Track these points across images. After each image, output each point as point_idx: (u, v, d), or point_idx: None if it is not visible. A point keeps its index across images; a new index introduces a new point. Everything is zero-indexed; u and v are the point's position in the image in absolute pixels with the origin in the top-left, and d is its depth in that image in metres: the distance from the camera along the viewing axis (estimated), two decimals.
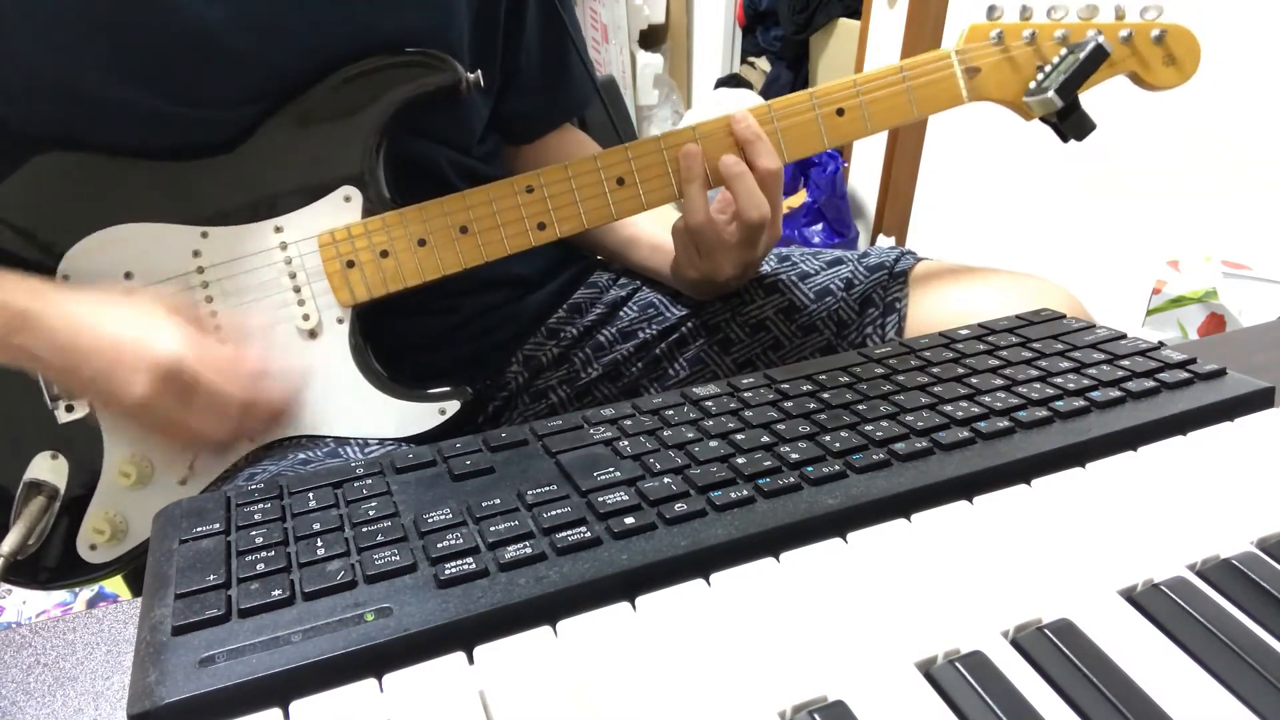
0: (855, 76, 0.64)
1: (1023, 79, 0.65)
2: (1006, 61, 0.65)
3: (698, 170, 0.61)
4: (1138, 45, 0.64)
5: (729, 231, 0.61)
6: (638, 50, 2.94)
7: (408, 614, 0.28)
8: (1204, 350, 0.51)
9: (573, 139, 0.80)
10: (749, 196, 0.60)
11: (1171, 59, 0.65)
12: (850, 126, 0.64)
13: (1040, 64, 0.64)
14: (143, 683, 0.26)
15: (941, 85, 0.64)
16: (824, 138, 0.64)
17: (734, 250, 0.62)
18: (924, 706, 0.25)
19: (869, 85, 0.63)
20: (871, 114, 0.64)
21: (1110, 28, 0.64)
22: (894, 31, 2.20)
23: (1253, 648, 0.26)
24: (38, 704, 0.32)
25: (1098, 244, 1.84)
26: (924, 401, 0.40)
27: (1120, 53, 0.64)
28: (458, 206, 0.60)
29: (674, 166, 0.62)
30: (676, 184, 0.62)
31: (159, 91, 0.54)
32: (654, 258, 0.72)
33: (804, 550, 0.31)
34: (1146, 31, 0.64)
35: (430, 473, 0.37)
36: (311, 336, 0.59)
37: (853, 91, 0.63)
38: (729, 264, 0.63)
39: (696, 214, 0.61)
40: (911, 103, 0.64)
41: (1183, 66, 0.65)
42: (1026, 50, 0.64)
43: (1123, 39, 0.64)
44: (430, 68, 0.59)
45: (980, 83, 0.65)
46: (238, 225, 0.58)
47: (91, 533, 0.58)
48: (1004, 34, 0.64)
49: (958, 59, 0.65)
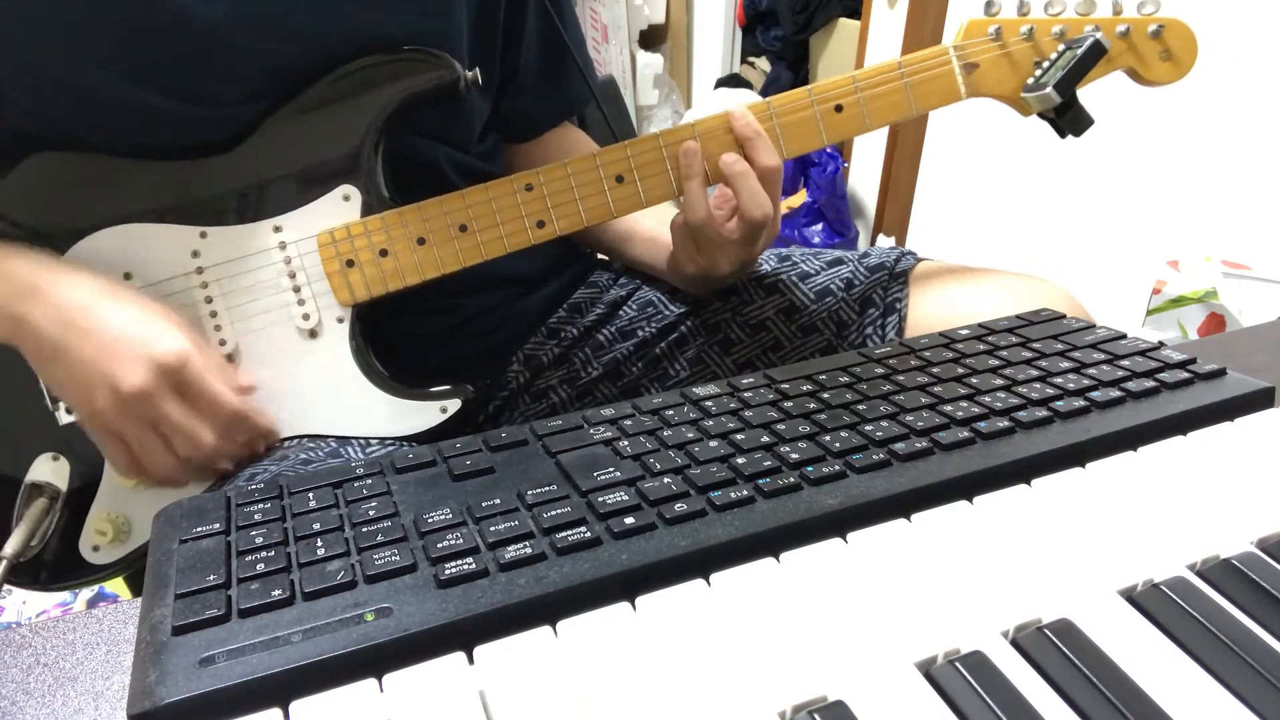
0: (854, 73, 0.64)
1: (1021, 75, 0.65)
2: (1004, 57, 0.65)
3: (697, 167, 0.61)
4: (1135, 40, 0.64)
5: (729, 229, 0.61)
6: (638, 50, 2.94)
7: (408, 614, 0.28)
8: (1204, 350, 0.51)
9: (572, 137, 0.80)
10: (751, 194, 0.60)
11: (1168, 54, 0.64)
12: (849, 123, 0.64)
13: (1038, 60, 0.64)
14: (143, 683, 0.26)
15: (940, 81, 0.64)
16: (823, 134, 0.64)
17: (734, 247, 0.62)
18: (924, 706, 0.25)
19: (867, 81, 0.63)
20: (870, 110, 0.64)
21: (1108, 23, 0.64)
22: (894, 31, 2.20)
23: (1253, 648, 0.26)
24: (38, 704, 0.32)
25: (1098, 244, 1.84)
26: (924, 401, 0.40)
27: (1117, 48, 0.64)
28: (457, 205, 0.60)
29: (673, 164, 0.62)
30: (676, 181, 0.62)
31: (159, 89, 0.54)
32: (650, 251, 0.72)
33: (804, 550, 0.31)
34: (1144, 26, 0.64)
35: (430, 473, 0.37)
36: (312, 336, 0.59)
37: (851, 88, 0.63)
38: (727, 261, 0.63)
39: (697, 211, 0.61)
40: (910, 99, 0.64)
41: (1180, 62, 0.65)
42: (1024, 46, 0.64)
43: (1120, 34, 0.64)
44: (428, 66, 0.59)
45: (978, 78, 0.65)
46: (237, 225, 0.58)
47: (94, 534, 0.58)
48: (1002, 29, 0.64)
49: (956, 55, 0.64)
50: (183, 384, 0.51)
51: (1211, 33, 0.64)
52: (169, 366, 0.50)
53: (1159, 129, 1.62)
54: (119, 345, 0.50)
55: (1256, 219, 1.56)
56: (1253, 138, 1.54)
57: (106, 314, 0.51)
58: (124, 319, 0.51)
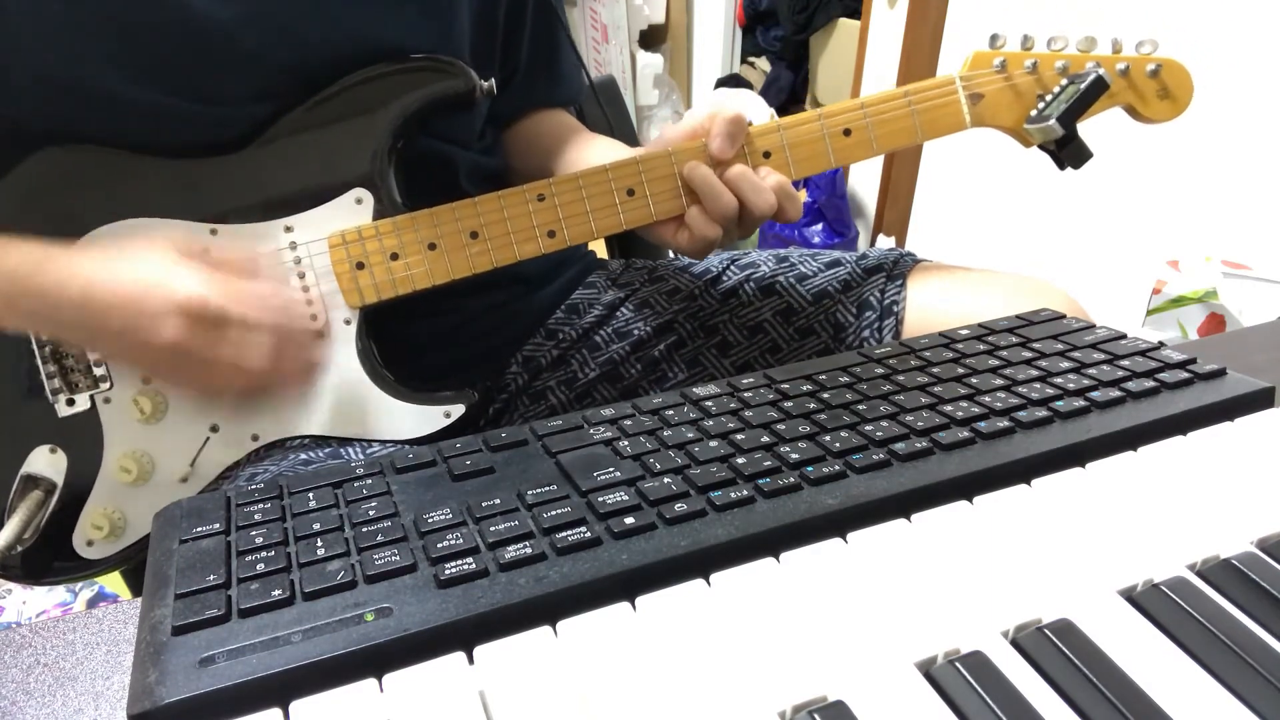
0: (862, 99, 0.64)
1: (1024, 106, 0.66)
2: (1009, 89, 0.66)
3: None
4: (1134, 78, 0.66)
5: (729, 237, 0.62)
6: (638, 50, 2.94)
7: (408, 614, 0.28)
8: (1204, 350, 0.51)
9: (556, 118, 0.79)
10: (757, 194, 0.60)
11: (1166, 92, 0.66)
12: (856, 148, 0.65)
13: (1041, 93, 0.66)
14: (143, 683, 0.26)
15: (946, 110, 0.66)
16: (830, 156, 0.64)
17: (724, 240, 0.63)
18: (924, 706, 0.25)
19: (875, 108, 0.64)
20: (877, 136, 0.65)
21: (1108, 60, 0.65)
22: (894, 32, 2.20)
23: (1253, 648, 0.26)
24: (38, 704, 0.32)
25: (1098, 244, 1.84)
26: (924, 401, 0.40)
27: (1117, 85, 0.65)
28: (469, 212, 0.60)
29: (682, 180, 0.62)
30: (686, 198, 0.63)
31: (169, 89, 0.55)
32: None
33: (804, 550, 0.31)
34: (1143, 65, 0.65)
35: (430, 473, 0.37)
36: (318, 338, 0.59)
37: (860, 114, 0.64)
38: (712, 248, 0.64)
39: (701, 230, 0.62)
40: (916, 126, 0.65)
41: (1177, 100, 0.66)
42: (1028, 79, 0.66)
43: (1120, 72, 0.65)
44: (445, 74, 0.60)
45: (983, 109, 0.66)
46: (248, 224, 0.58)
47: (89, 528, 0.58)
48: (1007, 62, 0.66)
49: (962, 85, 0.66)
50: (215, 321, 0.51)
51: (1211, 33, 0.64)
52: (193, 310, 0.49)
53: (1159, 129, 1.62)
54: (141, 308, 0.50)
55: (1256, 219, 1.56)
56: (1252, 138, 1.54)
57: (117, 281, 0.50)
58: (135, 279, 0.50)
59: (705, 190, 0.60)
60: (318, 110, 0.58)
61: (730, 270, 0.72)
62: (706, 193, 0.60)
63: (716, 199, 0.60)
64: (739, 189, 0.60)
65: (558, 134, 0.75)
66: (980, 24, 1.99)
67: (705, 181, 0.60)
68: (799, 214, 0.62)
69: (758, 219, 0.61)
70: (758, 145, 0.63)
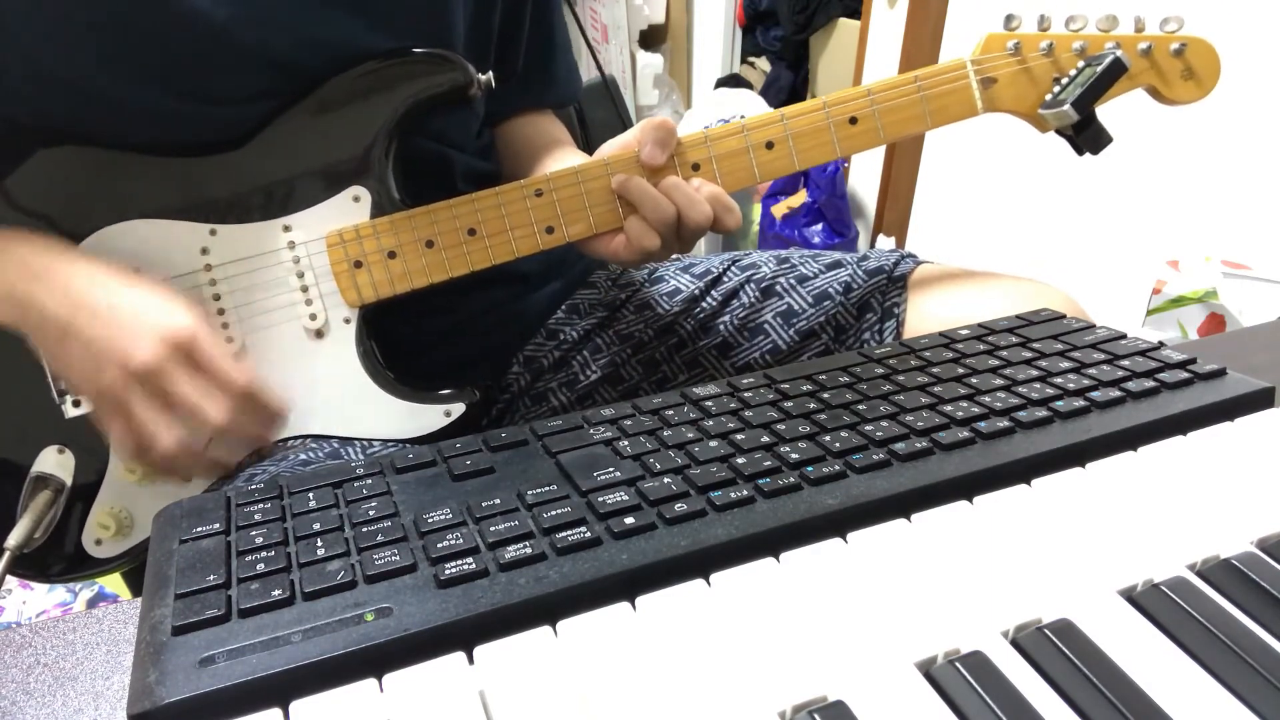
0: (869, 85, 0.62)
1: (1039, 91, 0.64)
2: (1023, 73, 0.63)
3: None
4: (1157, 58, 0.63)
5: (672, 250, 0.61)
6: (638, 50, 2.94)
7: (408, 614, 0.28)
8: (1204, 350, 0.51)
9: (541, 125, 0.79)
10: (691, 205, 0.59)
11: (1190, 73, 0.63)
12: (863, 136, 0.63)
13: (1057, 76, 0.63)
14: (143, 683, 0.26)
15: (957, 95, 0.63)
16: (836, 146, 0.63)
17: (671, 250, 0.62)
18: (924, 706, 0.25)
19: (883, 95, 0.62)
20: (885, 124, 0.62)
21: (1129, 39, 0.63)
22: (894, 31, 2.20)
23: (1253, 648, 0.26)
24: (38, 704, 0.32)
25: (1098, 244, 1.84)
26: (924, 401, 0.40)
27: (1139, 66, 0.62)
28: (466, 209, 0.60)
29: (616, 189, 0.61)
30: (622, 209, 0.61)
31: (167, 88, 0.55)
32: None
33: (804, 550, 0.31)
34: (1166, 44, 0.62)
35: (430, 473, 0.37)
36: (318, 337, 0.59)
37: (866, 100, 0.62)
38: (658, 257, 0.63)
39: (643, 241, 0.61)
40: (926, 113, 0.63)
41: (1202, 81, 0.63)
42: (1044, 61, 0.63)
43: (1141, 51, 0.62)
44: (442, 68, 0.60)
45: (996, 94, 0.64)
46: (247, 223, 0.58)
47: (97, 528, 0.58)
48: (1021, 44, 0.63)
49: (973, 69, 0.63)
50: (193, 359, 0.51)
51: (1211, 33, 0.64)
52: (180, 341, 0.50)
53: (1159, 129, 1.61)
54: (130, 322, 0.50)
55: (1256, 219, 1.56)
56: (1252, 138, 1.54)
57: (116, 294, 0.51)
58: (134, 298, 0.51)
59: (641, 198, 0.59)
60: (314, 108, 0.58)
61: (731, 271, 0.72)
62: (643, 201, 0.59)
63: (655, 207, 0.59)
64: (673, 199, 0.59)
65: (538, 142, 0.76)
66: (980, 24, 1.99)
67: (640, 189, 0.59)
68: (738, 223, 0.61)
69: (694, 230, 0.59)
70: (689, 157, 0.61)
